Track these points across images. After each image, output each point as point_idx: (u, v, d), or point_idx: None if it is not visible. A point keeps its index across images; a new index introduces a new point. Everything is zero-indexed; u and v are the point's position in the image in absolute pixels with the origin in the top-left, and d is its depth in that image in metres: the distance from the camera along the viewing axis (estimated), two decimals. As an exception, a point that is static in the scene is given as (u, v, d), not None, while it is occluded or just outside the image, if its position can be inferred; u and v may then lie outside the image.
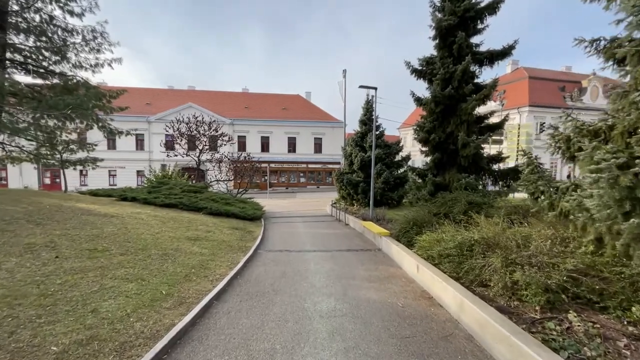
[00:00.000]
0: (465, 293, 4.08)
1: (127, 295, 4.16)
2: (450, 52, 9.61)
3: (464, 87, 9.35)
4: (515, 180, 10.11)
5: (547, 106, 34.60)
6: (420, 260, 5.63)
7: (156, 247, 6.48)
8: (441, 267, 5.14)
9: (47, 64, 14.31)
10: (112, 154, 35.82)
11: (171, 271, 5.32)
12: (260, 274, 5.91)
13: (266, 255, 7.50)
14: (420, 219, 7.61)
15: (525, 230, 5.04)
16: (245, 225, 11.11)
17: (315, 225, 12.71)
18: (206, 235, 8.26)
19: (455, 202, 8.14)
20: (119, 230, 7.20)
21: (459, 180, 9.17)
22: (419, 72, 10.44)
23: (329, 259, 7.14)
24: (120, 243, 6.29)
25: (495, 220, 5.63)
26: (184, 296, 4.44)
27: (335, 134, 37.03)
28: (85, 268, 4.85)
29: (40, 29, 13.52)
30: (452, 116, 9.64)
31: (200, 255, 6.51)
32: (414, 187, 11.00)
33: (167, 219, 9.41)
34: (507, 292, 4.04)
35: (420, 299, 4.75)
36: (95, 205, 9.79)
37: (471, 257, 4.81)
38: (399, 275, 5.94)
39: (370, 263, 6.80)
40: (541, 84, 35.75)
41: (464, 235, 5.12)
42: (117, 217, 8.47)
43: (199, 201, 12.30)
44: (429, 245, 5.92)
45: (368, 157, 15.46)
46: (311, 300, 4.61)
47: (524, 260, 4.14)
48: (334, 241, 9.32)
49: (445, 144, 9.88)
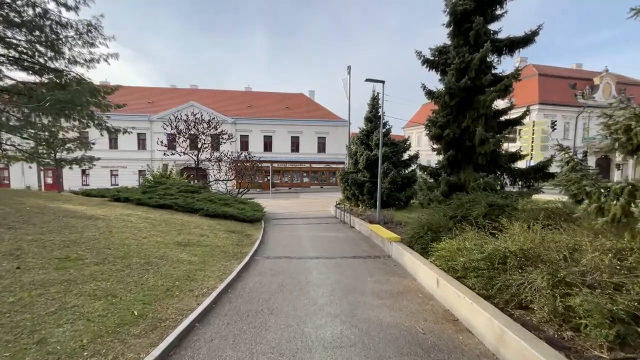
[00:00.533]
0: (504, 320, 3.28)
1: (89, 319, 3.43)
2: (466, 40, 8.78)
3: (481, 77, 8.51)
4: (537, 180, 9.26)
5: (557, 104, 33.46)
6: (440, 273, 4.83)
7: (139, 254, 5.76)
8: (466, 282, 4.35)
9: (44, 60, 13.77)
10: (113, 153, 35.47)
11: (151, 284, 4.59)
12: (254, 287, 5.16)
13: (263, 263, 6.75)
14: (435, 223, 6.80)
15: (568, 239, 4.21)
16: (243, 228, 10.38)
17: (319, 227, 11.95)
18: (199, 240, 7.54)
19: (473, 204, 7.32)
20: (101, 234, 6.50)
21: (476, 179, 8.34)
22: (431, 62, 9.62)
23: (333, 267, 6.37)
24: (98, 250, 5.59)
25: (522, 226, 4.82)
26: (160, 318, 3.71)
27: (339, 133, 36.23)
28: (48, 282, 4.13)
29: (34, 23, 12.95)
30: (468, 110, 8.81)
31: (188, 263, 5.78)
32: (425, 187, 10.17)
33: (158, 222, 8.72)
34: (556, 318, 3.24)
35: (444, 321, 3.96)
36: (84, 207, 9.14)
37: (504, 272, 4.01)
38: (414, 289, 5.15)
39: (380, 273, 6.01)
40: (551, 82, 34.60)
41: (495, 244, 4.30)
42: (103, 219, 7.79)
43: (196, 202, 11.60)
44: (449, 254, 5.13)
45: (374, 155, 14.68)
46: (313, 324, 3.84)
47: (575, 278, 3.35)
48: (338, 246, 8.55)
49: (460, 140, 9.04)
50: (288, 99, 39.91)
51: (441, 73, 9.67)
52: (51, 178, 35.48)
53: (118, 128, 17.10)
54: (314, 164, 36.72)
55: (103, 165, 35.25)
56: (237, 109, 37.02)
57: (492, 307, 3.60)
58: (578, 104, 34.59)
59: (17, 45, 12.93)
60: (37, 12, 13.22)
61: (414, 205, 15.10)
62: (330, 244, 8.79)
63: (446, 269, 5.00)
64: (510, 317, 3.44)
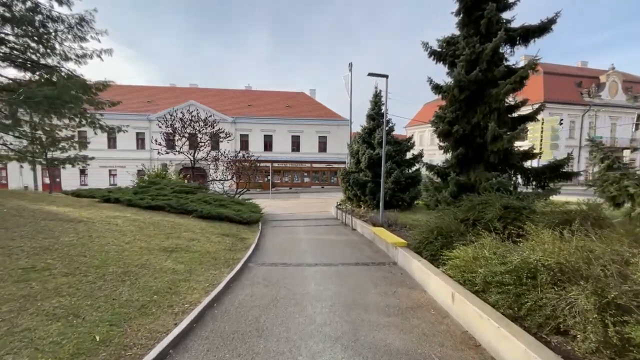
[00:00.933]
0: (546, 354, 2.66)
1: (38, 347, 2.85)
2: (477, 29, 8.16)
3: (493, 69, 7.88)
4: (552, 179, 8.63)
5: (563, 102, 32.73)
6: (455, 286, 4.23)
7: (118, 262, 5.19)
8: (488, 299, 3.74)
9: (36, 56, 13.25)
10: (112, 153, 35.02)
11: (124, 299, 4.00)
12: (244, 301, 4.57)
13: (257, 270, 6.16)
14: (445, 227, 6.19)
15: (605, 249, 3.59)
16: (238, 230, 9.80)
17: (319, 230, 11.35)
18: (188, 245, 6.96)
19: (486, 206, 6.70)
20: (79, 240, 5.93)
21: (488, 179, 7.71)
22: (438, 54, 8.99)
23: (333, 276, 5.77)
24: (71, 258, 5.01)
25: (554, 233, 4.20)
26: (126, 344, 3.12)
27: (341, 133, 35.62)
28: (2, 298, 3.56)
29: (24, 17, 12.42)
30: (479, 104, 8.18)
31: (172, 273, 5.19)
32: (432, 187, 9.55)
33: (146, 224, 8.14)
34: (607, 350, 2.64)
35: (464, 347, 3.35)
36: (68, 208, 8.58)
37: (534, 288, 3.41)
38: (425, 303, 4.54)
39: (385, 284, 5.41)
40: (557, 80, 33.87)
41: (523, 255, 3.68)
42: (86, 222, 7.23)
43: (189, 203, 11.03)
44: (464, 264, 4.52)
45: (377, 154, 14.07)
46: (308, 350, 3.25)
47: (628, 299, 2.74)
48: (339, 251, 7.95)
49: (470, 137, 8.41)
50: (289, 98, 39.32)
51: (449, 65, 9.04)
52: (49, 178, 35.07)
53: (112, 126, 16.55)
54: (314, 163, 36.13)
55: (102, 165, 34.86)
56: (237, 108, 36.47)
57: (525, 333, 2.99)
58: (584, 102, 33.86)
59: (7, 41, 12.42)
60: (28, 6, 12.72)
61: (418, 206, 14.48)
62: (331, 249, 8.19)
63: (462, 281, 4.40)
64: (547, 345, 2.84)
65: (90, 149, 31.49)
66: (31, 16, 12.58)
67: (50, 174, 34.31)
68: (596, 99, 34.87)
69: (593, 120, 34.75)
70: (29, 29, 12.68)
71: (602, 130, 34.62)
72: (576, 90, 34.89)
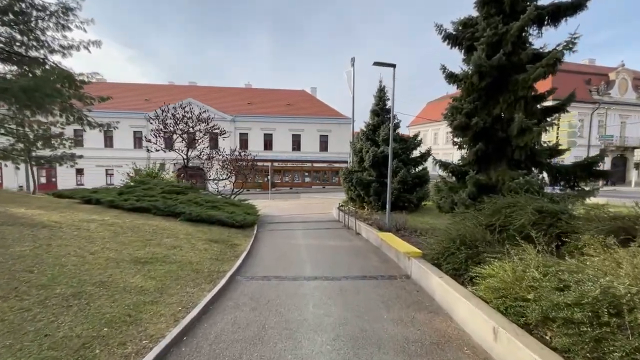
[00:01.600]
0: None
1: None
2: (499, 8, 7.16)
3: (520, 52, 6.87)
4: (583, 179, 7.61)
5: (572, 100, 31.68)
6: (498, 318, 3.23)
7: (72, 279, 4.22)
8: (546, 339, 2.75)
9: (22, 49, 12.37)
10: (108, 152, 34.16)
11: (60, 336, 3.03)
12: (222, 333, 3.58)
13: (245, 286, 5.18)
14: (470, 234, 5.20)
15: None
16: (230, 235, 8.83)
17: (319, 234, 10.37)
18: (167, 254, 5.98)
19: (514, 210, 5.71)
20: (34, 249, 4.98)
21: (513, 178, 6.71)
22: (454, 37, 7.98)
23: (336, 295, 4.79)
24: (14, 274, 4.06)
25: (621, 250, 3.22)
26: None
27: (342, 131, 34.61)
28: None
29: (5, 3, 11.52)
30: (502, 93, 7.17)
31: (137, 292, 4.22)
32: (446, 188, 8.53)
33: (124, 229, 7.19)
34: None
35: (523, 415, 2.36)
36: (39, 210, 7.64)
37: (621, 329, 2.42)
38: (455, 336, 3.55)
39: (400, 306, 4.41)
40: (565, 77, 32.68)
41: (603, 283, 2.67)
42: (51, 227, 6.28)
43: (178, 204, 10.08)
44: (503, 285, 3.53)
45: (381, 152, 13.08)
46: (301, 422, 2.27)
47: None
48: (342, 261, 6.96)
49: (491, 131, 7.40)
50: (289, 96, 38.34)
51: (465, 51, 8.04)
52: (45, 177, 34.31)
53: (102, 123, 15.65)
54: (315, 163, 35.13)
55: (98, 164, 34.02)
56: (237, 106, 35.53)
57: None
58: (593, 100, 32.78)
59: None
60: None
61: (425, 208, 13.50)
62: (333, 258, 7.21)
63: (502, 308, 3.42)
64: None
65: (86, 147, 30.69)
66: (12, 2, 11.70)
67: (46, 174, 33.56)
68: (605, 97, 33.79)
69: (603, 119, 33.65)
70: (9, 16, 11.80)
71: (612, 128, 33.58)
72: (585, 87, 33.78)
